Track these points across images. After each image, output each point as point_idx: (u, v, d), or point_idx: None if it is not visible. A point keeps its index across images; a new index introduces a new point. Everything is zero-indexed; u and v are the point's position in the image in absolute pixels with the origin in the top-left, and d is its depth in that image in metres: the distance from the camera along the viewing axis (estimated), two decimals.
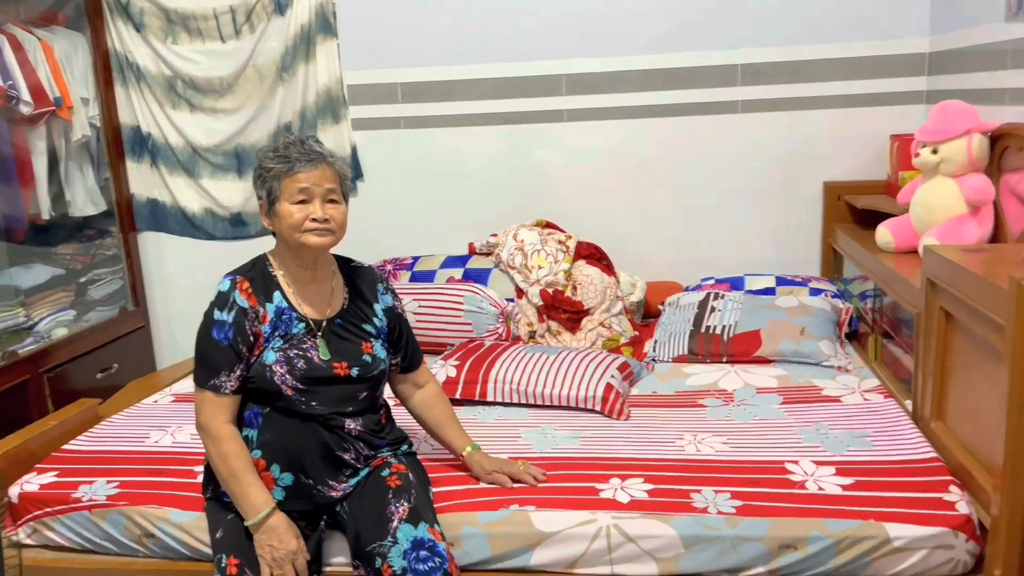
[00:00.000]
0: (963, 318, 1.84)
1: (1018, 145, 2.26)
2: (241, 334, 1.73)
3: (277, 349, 1.76)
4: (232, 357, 1.72)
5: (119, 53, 3.46)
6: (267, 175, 1.75)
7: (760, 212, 3.26)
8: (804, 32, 3.10)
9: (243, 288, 1.77)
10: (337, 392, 1.80)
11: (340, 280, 1.90)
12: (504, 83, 3.29)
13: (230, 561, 1.69)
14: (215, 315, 1.74)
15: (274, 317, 1.77)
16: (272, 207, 1.76)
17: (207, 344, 1.74)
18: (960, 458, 1.84)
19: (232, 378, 1.73)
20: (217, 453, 1.72)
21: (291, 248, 1.79)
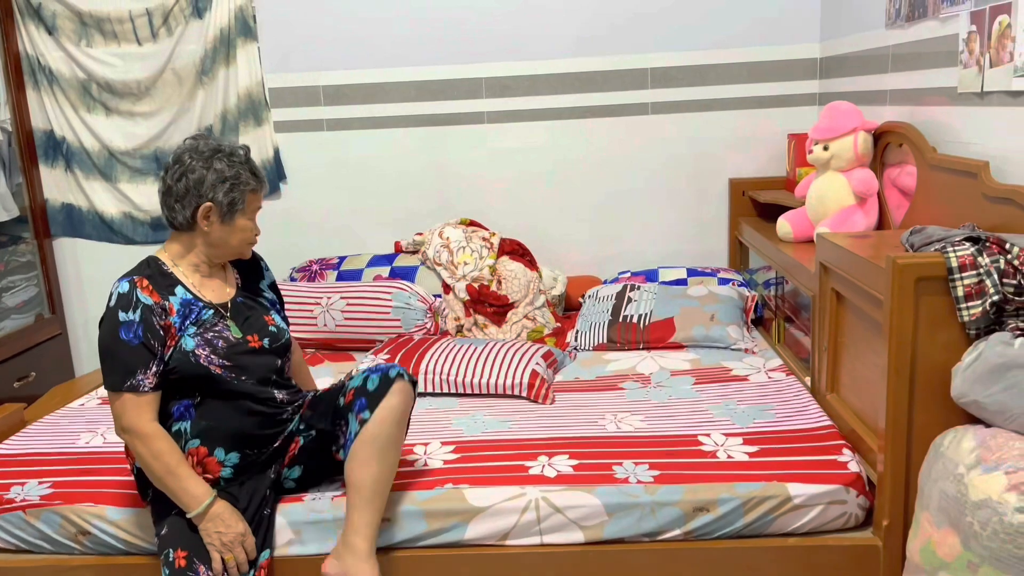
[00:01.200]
0: (851, 297, 2.03)
1: (897, 141, 2.49)
2: (150, 330, 1.73)
3: (193, 335, 1.79)
4: (145, 354, 1.72)
5: (31, 56, 3.40)
6: (241, 185, 1.79)
7: (671, 208, 3.45)
8: (708, 38, 3.30)
9: (143, 286, 1.76)
10: (260, 364, 1.86)
11: (229, 265, 1.97)
12: (425, 86, 3.38)
13: (178, 554, 1.72)
14: (120, 316, 1.73)
15: (181, 308, 1.80)
16: (231, 216, 1.80)
17: (116, 346, 1.73)
18: (851, 424, 2.03)
19: (149, 375, 1.73)
20: (148, 452, 1.72)
21: (216, 254, 1.85)
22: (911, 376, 1.71)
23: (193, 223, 1.80)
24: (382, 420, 1.78)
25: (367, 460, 1.77)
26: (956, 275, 1.64)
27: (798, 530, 1.84)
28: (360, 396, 1.82)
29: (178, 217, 1.80)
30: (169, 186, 1.79)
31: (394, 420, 1.80)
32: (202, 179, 1.77)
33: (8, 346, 3.26)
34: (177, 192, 1.78)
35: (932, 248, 1.74)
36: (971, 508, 1.45)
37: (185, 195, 1.78)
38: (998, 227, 1.87)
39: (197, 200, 1.78)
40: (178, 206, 1.79)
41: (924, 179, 2.31)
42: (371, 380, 1.83)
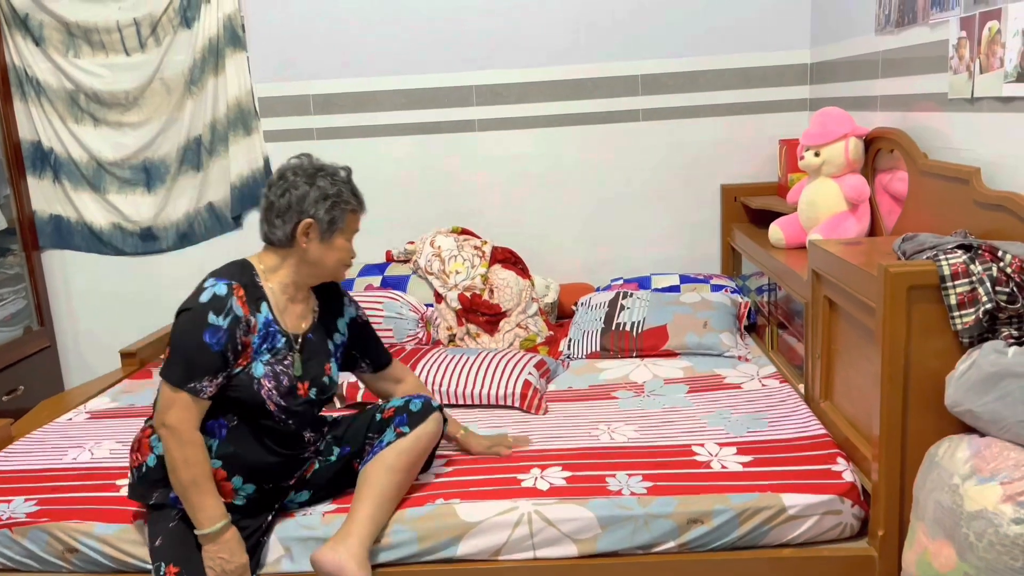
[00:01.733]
0: (844, 305, 2.02)
1: (889, 147, 2.49)
2: (232, 342, 1.70)
3: (265, 363, 1.77)
4: (219, 364, 1.69)
5: (18, 67, 3.38)
6: (342, 203, 1.79)
7: (663, 214, 3.44)
8: (698, 45, 3.30)
9: (239, 295, 1.73)
10: (304, 412, 1.85)
11: (313, 296, 1.93)
12: (416, 94, 3.37)
13: (169, 569, 1.69)
14: (209, 317, 1.68)
15: (262, 328, 1.77)
16: (330, 234, 1.79)
17: (195, 346, 1.68)
18: (846, 432, 2.02)
19: (213, 384, 1.70)
20: (182, 457, 1.67)
21: (312, 273, 1.83)
22: (904, 384, 1.70)
23: (292, 239, 1.78)
24: (418, 438, 1.86)
25: (392, 467, 1.81)
26: (949, 283, 1.63)
27: (793, 541, 1.82)
28: (402, 413, 1.90)
29: (277, 233, 1.78)
30: (271, 201, 1.79)
31: (426, 444, 1.89)
32: (305, 195, 1.76)
33: None
34: (279, 207, 1.77)
35: (924, 256, 1.74)
36: (967, 519, 1.44)
37: (287, 211, 1.77)
38: (990, 234, 1.86)
39: (298, 216, 1.77)
40: (279, 221, 1.78)
41: (915, 185, 2.30)
42: (413, 403, 1.92)
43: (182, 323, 1.72)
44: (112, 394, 2.76)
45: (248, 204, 3.47)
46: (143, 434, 1.83)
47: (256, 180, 3.44)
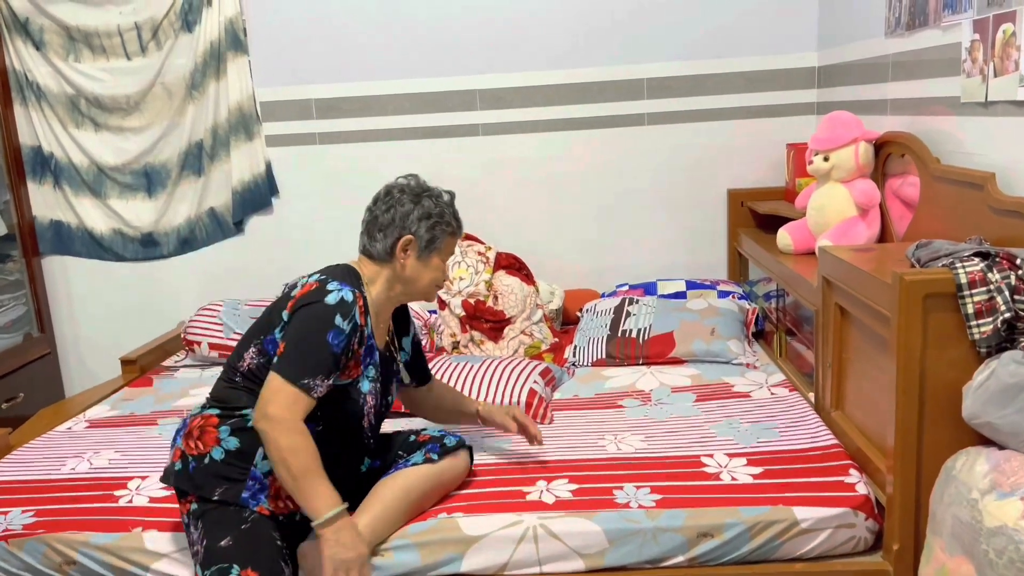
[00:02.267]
0: (855, 313, 1.98)
1: (899, 152, 2.45)
2: (348, 349, 1.71)
3: (371, 379, 1.80)
4: (334, 366, 1.69)
5: (18, 71, 3.35)
6: (443, 224, 1.83)
7: (669, 219, 3.40)
8: (704, 48, 3.26)
9: (360, 305, 1.74)
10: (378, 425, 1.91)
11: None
12: (419, 98, 3.34)
13: (247, 573, 1.60)
14: (336, 320, 1.68)
15: (367, 340, 1.79)
16: (428, 254, 1.82)
17: (318, 343, 1.66)
18: (858, 443, 1.98)
19: (325, 385, 1.69)
20: (290, 445, 1.62)
21: (404, 291, 1.86)
22: (920, 395, 1.66)
23: (391, 254, 1.81)
24: (443, 471, 1.87)
25: (409, 488, 1.80)
26: (966, 292, 1.59)
27: (806, 555, 1.78)
28: (436, 442, 1.92)
29: (377, 246, 1.82)
30: (376, 216, 1.83)
31: (449, 479, 1.90)
32: (408, 213, 1.81)
33: None
34: (382, 222, 1.81)
35: (940, 263, 1.69)
36: (986, 535, 1.40)
37: (389, 225, 1.81)
38: (1005, 240, 1.82)
39: (400, 231, 1.80)
40: (380, 235, 1.81)
41: (928, 190, 2.26)
42: (449, 438, 1.94)
43: (305, 320, 1.69)
44: (112, 402, 2.72)
45: (249, 209, 3.44)
46: (206, 422, 1.75)
47: (258, 185, 3.41)
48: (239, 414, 1.76)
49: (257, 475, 1.73)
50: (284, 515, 1.74)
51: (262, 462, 1.72)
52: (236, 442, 1.74)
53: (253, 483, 1.73)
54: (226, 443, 1.74)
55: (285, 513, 1.74)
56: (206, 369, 3.00)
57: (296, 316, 1.70)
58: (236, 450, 1.73)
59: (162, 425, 2.46)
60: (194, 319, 3.09)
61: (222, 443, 1.73)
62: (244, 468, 1.73)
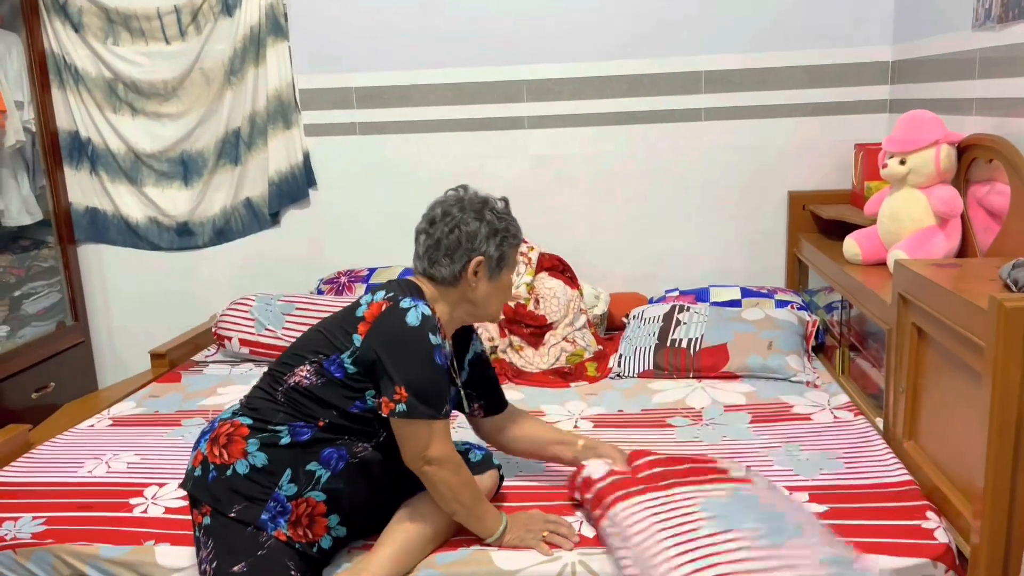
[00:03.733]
0: (937, 336, 1.78)
1: (986, 156, 2.22)
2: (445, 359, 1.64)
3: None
4: (449, 382, 1.65)
5: (56, 54, 3.28)
6: (510, 238, 1.73)
7: (724, 222, 3.21)
8: (767, 40, 3.05)
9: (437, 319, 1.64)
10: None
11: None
12: (463, 88, 3.19)
13: None
14: (431, 339, 1.57)
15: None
16: (499, 272, 1.72)
17: (434, 372, 1.57)
18: (935, 480, 1.78)
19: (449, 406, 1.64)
20: (460, 480, 1.60)
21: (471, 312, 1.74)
22: (1017, 435, 1.46)
23: (459, 278, 1.69)
24: None
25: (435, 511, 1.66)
26: None
27: None
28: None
29: (443, 271, 1.68)
30: (438, 239, 1.68)
31: None
32: (476, 232, 1.68)
33: (27, 355, 3.15)
34: (447, 245, 1.67)
35: None
36: None
37: (456, 249, 1.67)
38: None
39: (469, 254, 1.67)
40: (446, 260, 1.68)
41: (1020, 200, 2.04)
42: (474, 453, 1.81)
43: (406, 352, 1.57)
44: (138, 398, 2.64)
45: (287, 201, 3.33)
46: (236, 431, 1.63)
47: (295, 176, 3.30)
48: (272, 429, 1.63)
49: (280, 497, 1.60)
50: (301, 543, 1.61)
51: (288, 484, 1.60)
52: (264, 459, 1.61)
53: (275, 505, 1.60)
54: (253, 458, 1.61)
55: (303, 542, 1.61)
56: (235, 366, 2.91)
57: (389, 350, 1.57)
58: (263, 467, 1.60)
59: (186, 426, 2.37)
60: (225, 313, 2.99)
61: (249, 456, 1.61)
62: (268, 488, 1.60)
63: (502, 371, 2.69)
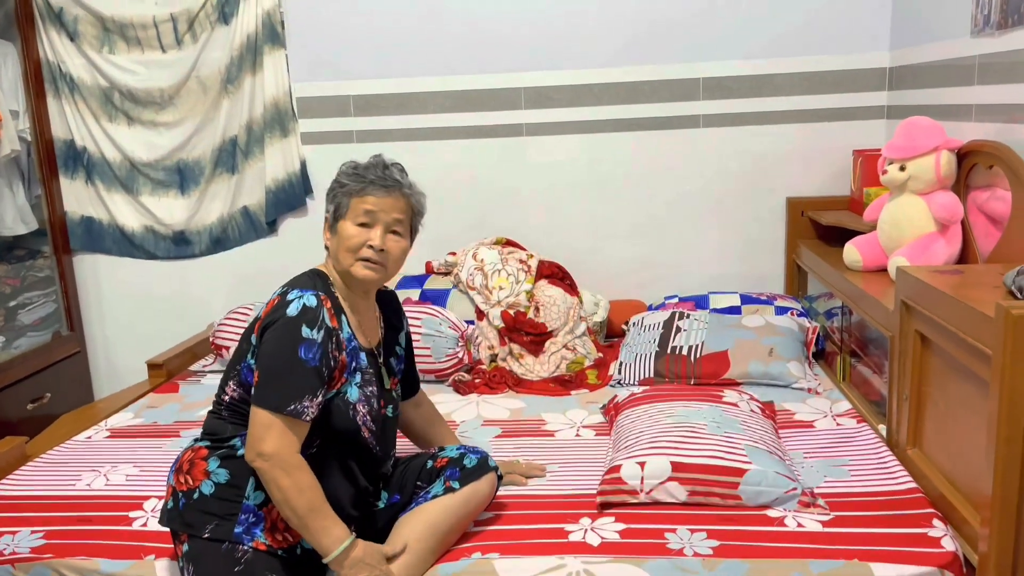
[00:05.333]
0: (941, 343, 1.78)
1: (987, 162, 2.22)
2: (326, 357, 1.57)
3: (358, 386, 1.66)
4: (316, 381, 1.55)
5: (52, 63, 3.26)
6: (339, 190, 1.68)
7: (723, 228, 3.20)
8: (765, 46, 3.05)
9: (328, 307, 1.60)
10: (388, 433, 1.77)
11: (376, 306, 1.81)
12: (461, 96, 3.18)
13: None
14: (303, 332, 1.54)
15: (347, 343, 1.65)
16: (335, 223, 1.67)
17: (291, 363, 1.53)
18: (940, 488, 1.77)
19: (314, 404, 1.55)
20: (294, 485, 1.51)
21: (339, 273, 1.69)
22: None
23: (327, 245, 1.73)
24: (467, 500, 1.70)
25: (434, 526, 1.65)
26: None
27: None
28: (455, 467, 1.75)
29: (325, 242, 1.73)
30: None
31: (476, 504, 1.73)
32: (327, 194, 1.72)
33: (23, 365, 3.12)
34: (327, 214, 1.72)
35: None
36: None
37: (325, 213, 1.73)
38: None
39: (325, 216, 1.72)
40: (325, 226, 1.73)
41: (1021, 206, 2.04)
42: (468, 458, 1.77)
43: (273, 340, 1.55)
44: (135, 409, 2.61)
45: (284, 209, 3.32)
46: (196, 455, 1.64)
47: (292, 184, 3.28)
48: (228, 445, 1.64)
49: (249, 507, 1.59)
50: (284, 549, 1.59)
51: (254, 493, 1.59)
52: (226, 473, 1.61)
53: (246, 516, 1.59)
54: (216, 475, 1.61)
55: (284, 547, 1.60)
56: None
57: (264, 339, 1.57)
58: (227, 482, 1.60)
59: (184, 437, 2.34)
60: (223, 323, 2.97)
61: (211, 475, 1.61)
62: (235, 501, 1.59)
63: (502, 379, 2.67)
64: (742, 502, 1.78)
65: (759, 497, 1.77)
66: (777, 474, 1.79)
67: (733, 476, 1.79)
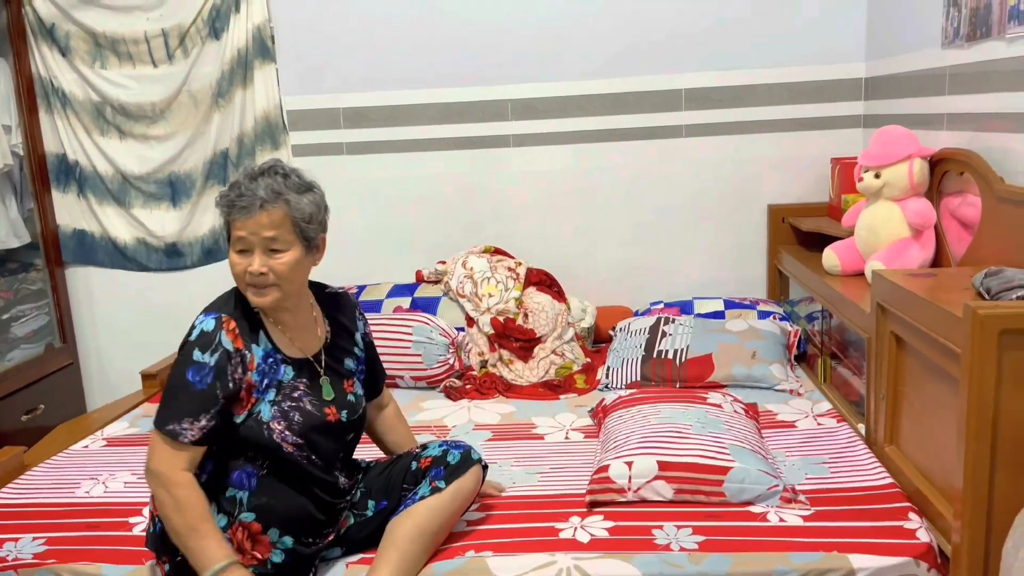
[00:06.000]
0: (915, 343, 1.85)
1: (958, 169, 2.31)
2: (221, 380, 1.57)
3: (272, 402, 1.64)
4: (203, 404, 1.56)
5: (44, 78, 3.30)
6: (221, 208, 1.63)
7: (706, 235, 3.28)
8: (745, 58, 3.13)
9: (229, 328, 1.60)
10: (332, 443, 1.72)
11: (319, 311, 1.78)
12: (449, 108, 3.24)
13: None
14: (194, 355, 1.56)
15: (261, 362, 1.64)
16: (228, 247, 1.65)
17: (179, 385, 1.56)
18: (916, 483, 1.84)
19: (196, 427, 1.55)
20: (172, 502, 1.53)
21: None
22: (993, 439, 1.53)
23: None
24: (453, 497, 1.72)
25: (422, 527, 1.68)
26: None
27: None
28: (438, 465, 1.76)
29: None
30: None
31: (462, 502, 1.75)
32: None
33: (17, 377, 3.15)
34: None
35: (1014, 295, 1.56)
36: None
37: None
38: None
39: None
40: None
41: (990, 211, 2.12)
42: (452, 455, 1.77)
43: (174, 364, 1.61)
44: (130, 418, 2.65)
45: None
46: None
47: None
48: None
49: None
50: (253, 566, 1.62)
51: (218, 516, 1.62)
52: None
53: None
54: None
55: (254, 564, 1.62)
56: None
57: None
58: None
59: None
60: None
61: None
62: None
63: (493, 385, 2.73)
64: (726, 499, 1.84)
65: (742, 494, 1.84)
66: (760, 471, 1.86)
67: (717, 474, 1.85)
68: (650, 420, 2.09)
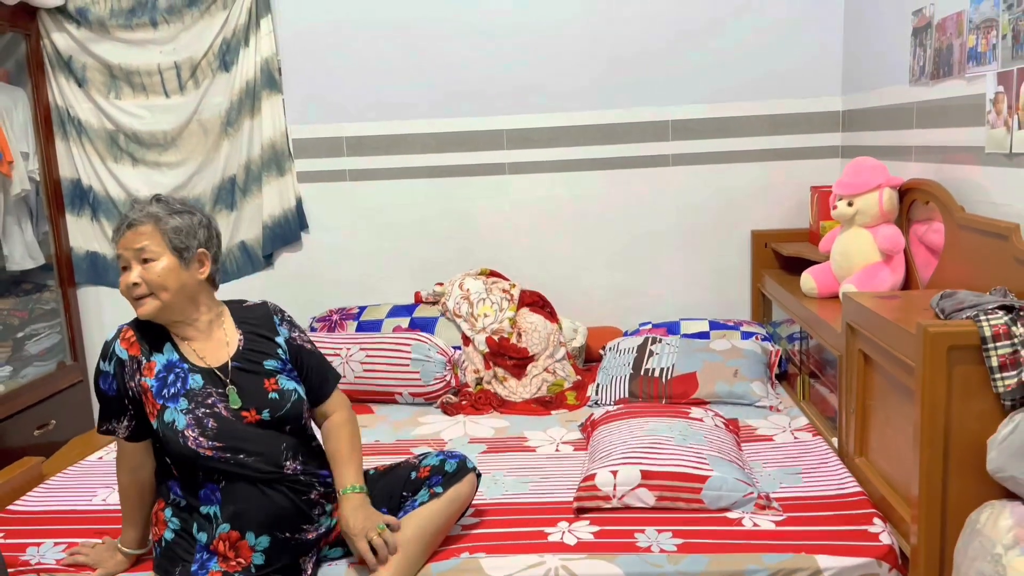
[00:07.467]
0: (879, 360, 1.99)
1: (924, 199, 2.46)
2: (121, 386, 1.76)
3: (185, 411, 1.72)
4: (117, 407, 1.78)
5: (60, 107, 3.46)
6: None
7: (693, 259, 3.43)
8: (729, 91, 3.30)
9: (126, 337, 1.77)
10: (264, 440, 1.76)
11: (230, 322, 1.86)
12: (447, 137, 3.40)
13: None
14: (100, 365, 1.79)
15: (162, 370, 1.75)
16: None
17: (97, 393, 1.81)
18: (882, 491, 1.97)
19: (122, 426, 1.79)
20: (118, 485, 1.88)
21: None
22: (945, 447, 1.66)
23: None
24: (451, 501, 1.86)
25: (422, 529, 1.80)
26: (990, 344, 1.60)
27: None
28: (437, 474, 1.89)
29: None
30: None
31: (459, 505, 1.89)
32: None
33: (30, 394, 3.27)
34: None
35: (964, 315, 1.70)
36: None
37: None
38: None
39: None
40: None
41: (952, 238, 2.27)
42: (449, 463, 1.91)
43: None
44: None
45: (280, 243, 3.51)
46: (158, 506, 1.84)
47: (288, 219, 3.48)
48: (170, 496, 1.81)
49: (200, 548, 1.74)
50: (239, 572, 1.71)
51: (199, 533, 1.75)
52: (178, 522, 1.79)
53: (200, 555, 1.73)
54: (172, 523, 1.79)
55: (239, 570, 1.71)
56: None
57: None
58: (180, 528, 1.78)
59: None
60: None
61: (169, 523, 1.80)
62: (190, 544, 1.76)
63: (487, 401, 2.86)
64: (705, 505, 1.97)
65: (720, 501, 1.97)
66: (736, 480, 1.99)
67: (696, 482, 1.98)
68: (635, 433, 2.22)
